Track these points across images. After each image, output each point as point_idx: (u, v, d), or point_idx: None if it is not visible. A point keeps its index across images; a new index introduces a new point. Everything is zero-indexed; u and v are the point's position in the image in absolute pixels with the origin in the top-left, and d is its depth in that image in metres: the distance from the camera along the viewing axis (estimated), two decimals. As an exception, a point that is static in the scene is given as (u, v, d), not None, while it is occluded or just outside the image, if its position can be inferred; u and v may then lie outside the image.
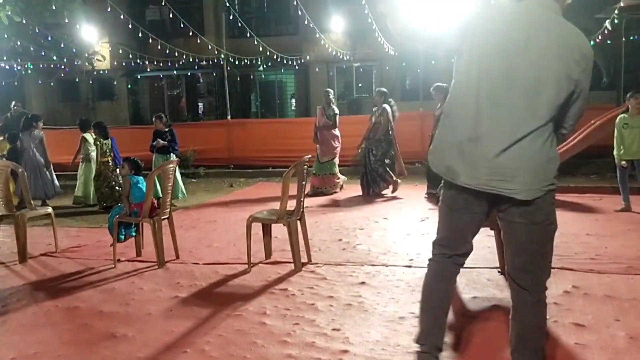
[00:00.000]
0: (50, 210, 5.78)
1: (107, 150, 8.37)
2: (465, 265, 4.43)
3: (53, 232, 5.66)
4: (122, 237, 5.19)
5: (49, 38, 12.71)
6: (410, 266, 4.64)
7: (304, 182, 4.90)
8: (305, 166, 4.95)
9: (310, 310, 3.71)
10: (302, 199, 4.85)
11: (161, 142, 8.36)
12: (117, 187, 8.12)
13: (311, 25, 12.50)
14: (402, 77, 16.94)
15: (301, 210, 4.86)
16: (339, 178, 9.13)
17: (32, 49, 12.69)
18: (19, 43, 12.32)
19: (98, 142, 8.36)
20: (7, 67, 14.23)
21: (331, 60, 16.90)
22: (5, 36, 11.71)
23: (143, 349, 3.19)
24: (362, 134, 8.88)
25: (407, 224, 6.35)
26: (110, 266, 4.97)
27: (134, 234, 5.31)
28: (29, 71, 15.19)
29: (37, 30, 11.70)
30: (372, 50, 15.06)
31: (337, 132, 9.07)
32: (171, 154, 8.45)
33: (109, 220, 5.24)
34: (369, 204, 7.85)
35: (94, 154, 8.55)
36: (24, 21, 10.39)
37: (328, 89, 9.53)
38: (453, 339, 3.17)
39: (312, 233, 5.42)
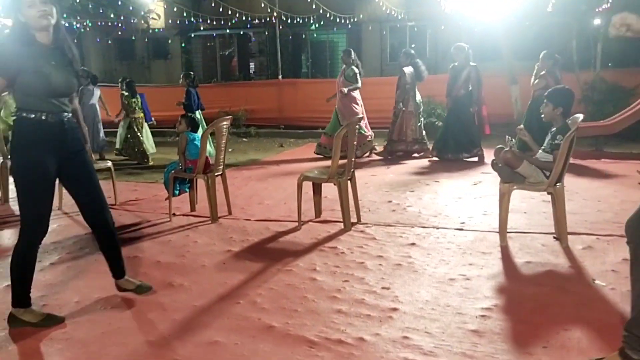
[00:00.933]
0: (110, 164, 6.00)
1: (137, 107, 8.88)
2: (518, 230, 4.41)
3: (112, 186, 5.88)
4: (177, 192, 5.34)
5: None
6: (461, 229, 4.59)
7: (355, 142, 4.87)
8: (357, 126, 4.91)
9: (360, 269, 3.74)
10: (352, 159, 4.84)
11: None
12: (139, 144, 8.83)
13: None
14: (457, 37, 16.40)
15: (352, 170, 4.86)
16: (369, 137, 8.76)
17: (90, 6, 12.94)
18: (77, 0, 12.58)
19: (126, 100, 8.80)
20: (67, 24, 14.59)
21: (384, 20, 16.52)
22: (66, -7, 11.99)
23: (198, 298, 3.31)
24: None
25: (459, 187, 6.25)
26: (165, 219, 5.14)
27: (188, 189, 5.46)
28: (88, 29, 15.55)
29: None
30: (427, 8, 14.58)
31: (357, 94, 8.70)
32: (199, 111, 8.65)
33: (165, 176, 5.40)
34: (420, 166, 7.75)
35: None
36: (83, -21, 10.59)
37: (348, 49, 9.11)
38: (505, 303, 3.14)
39: (361, 194, 5.41)
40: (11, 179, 3.64)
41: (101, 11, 13.84)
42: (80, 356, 2.69)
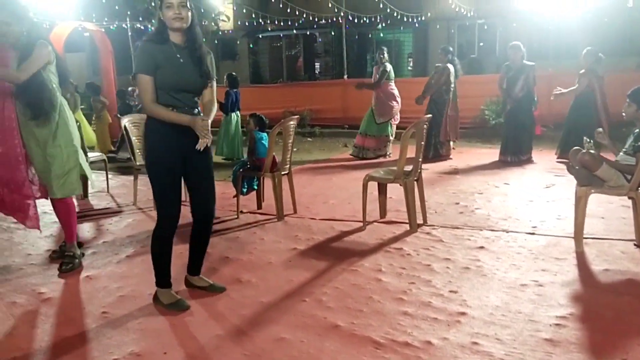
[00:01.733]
0: (180, 161, 6.20)
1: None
2: (596, 236, 4.20)
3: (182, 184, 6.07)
4: (245, 190, 5.46)
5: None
6: (533, 233, 4.42)
7: (422, 142, 4.80)
8: (425, 126, 4.84)
9: (426, 271, 3.68)
10: (419, 160, 4.77)
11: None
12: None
13: (434, -20, 11.99)
14: (529, 34, 15.82)
15: (418, 171, 4.79)
16: (390, 140, 8.64)
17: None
18: (152, 4, 13.09)
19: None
20: (142, 27, 15.23)
21: (452, 18, 16.21)
22: (141, -3, 12.52)
23: (266, 294, 3.37)
24: (482, 94, 8.50)
25: (530, 190, 6.03)
26: (233, 217, 5.26)
27: (255, 187, 5.56)
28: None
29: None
30: (497, 5, 14.17)
31: (394, 90, 8.53)
32: (236, 112, 8.83)
33: (233, 174, 5.53)
34: (488, 168, 7.54)
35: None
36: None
37: (382, 47, 8.89)
38: (581, 312, 3.00)
39: (428, 195, 5.33)
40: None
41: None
42: (154, 347, 2.79)
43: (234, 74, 9.16)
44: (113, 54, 12.17)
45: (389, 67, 8.52)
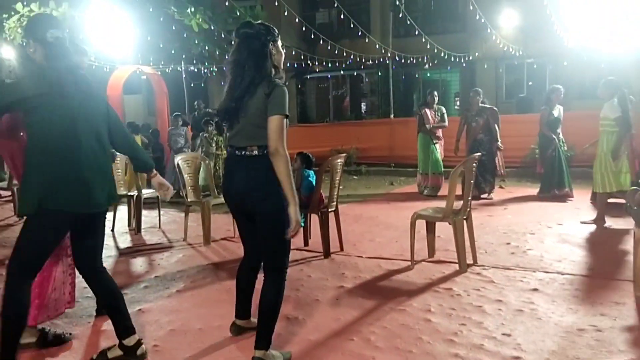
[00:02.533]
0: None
1: (222, 145, 9.57)
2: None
3: (232, 220, 6.19)
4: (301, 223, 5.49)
5: (232, 43, 13.86)
6: (590, 276, 4.25)
7: (472, 181, 4.75)
8: (474, 164, 4.79)
9: (478, 312, 3.58)
10: (469, 198, 4.71)
11: None
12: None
13: (482, 21, 12.04)
14: (581, 72, 15.52)
15: (468, 209, 4.72)
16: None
17: (217, 53, 13.98)
18: (206, 48, 13.66)
19: (214, 138, 9.62)
20: (196, 70, 15.87)
21: (500, 57, 16.12)
22: (195, 42, 13.07)
23: (313, 332, 3.35)
24: (531, 133, 8.39)
25: (585, 231, 5.82)
26: (281, 253, 5.28)
27: (302, 224, 5.60)
28: (213, 74, 16.75)
29: (222, 36, 12.89)
30: (547, 43, 14.02)
31: (439, 132, 9.09)
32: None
33: (281, 211, 5.59)
34: (541, 207, 7.34)
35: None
36: (212, 28, 11.51)
37: (433, 91, 9.42)
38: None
39: (477, 235, 5.22)
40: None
41: (226, 57, 14.89)
42: (202, 381, 2.80)
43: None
44: (168, 96, 12.69)
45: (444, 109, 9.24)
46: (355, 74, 19.58)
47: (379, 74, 18.63)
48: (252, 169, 2.74)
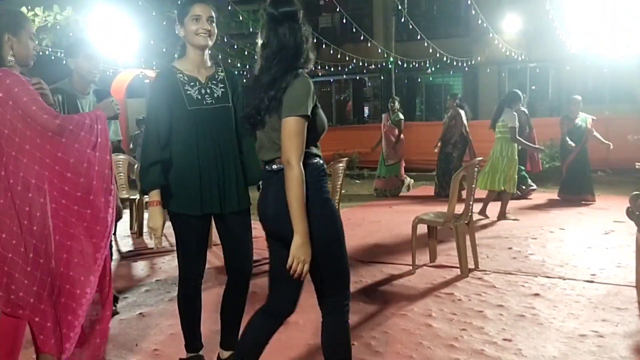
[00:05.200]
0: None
1: None
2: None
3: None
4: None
5: (235, 47, 13.96)
6: (592, 281, 4.24)
7: (473, 186, 4.74)
8: (476, 169, 4.79)
9: (479, 317, 3.57)
10: (471, 203, 4.70)
11: None
12: None
13: (485, 25, 12.05)
14: (584, 77, 15.52)
15: (469, 214, 4.71)
16: (403, 180, 9.65)
17: (219, 57, 14.02)
18: (209, 52, 13.71)
19: None
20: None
21: (503, 62, 16.13)
22: (198, 46, 13.10)
23: (313, 337, 3.34)
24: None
25: (588, 235, 5.80)
26: (282, 257, 5.28)
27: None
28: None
29: (225, 40, 12.92)
30: (550, 49, 14.03)
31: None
32: None
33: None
34: (543, 212, 7.33)
35: None
36: (214, 32, 11.54)
37: (394, 96, 10.16)
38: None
39: (479, 239, 5.21)
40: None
41: (229, 61, 14.96)
42: (202, 385, 2.80)
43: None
44: (170, 99, 12.70)
45: (401, 115, 9.74)
46: (357, 78, 19.61)
47: (382, 78, 18.66)
48: (279, 186, 2.11)
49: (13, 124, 2.32)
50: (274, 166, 2.17)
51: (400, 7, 14.09)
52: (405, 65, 15.87)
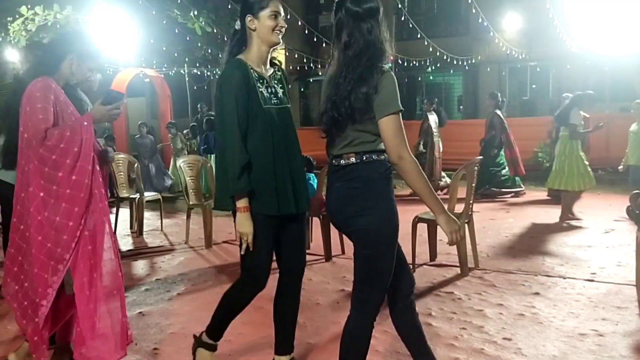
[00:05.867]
0: (231, 201, 6.33)
1: (195, 148, 10.03)
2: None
3: (234, 222, 6.18)
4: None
5: (235, 45, 13.90)
6: (592, 280, 4.23)
7: (473, 184, 4.74)
8: (476, 168, 4.78)
9: (479, 316, 3.57)
10: (471, 202, 4.70)
11: None
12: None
13: (485, 24, 12.03)
14: (584, 76, 15.49)
15: (470, 213, 4.71)
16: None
17: (220, 56, 13.99)
18: (209, 51, 13.68)
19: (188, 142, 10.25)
20: (199, 73, 15.90)
21: (503, 60, 16.10)
22: (199, 45, 13.10)
23: (313, 336, 3.34)
24: (535, 136, 8.41)
25: (588, 234, 5.80)
26: (282, 256, 5.28)
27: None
28: (216, 76, 16.74)
29: (225, 39, 12.89)
30: (551, 47, 14.00)
31: None
32: None
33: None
34: (542, 211, 7.32)
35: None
36: (215, 31, 11.52)
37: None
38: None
39: (479, 238, 5.21)
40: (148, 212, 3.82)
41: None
42: (202, 384, 2.80)
43: (211, 118, 10.08)
44: (171, 98, 12.71)
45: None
46: (358, 76, 19.59)
47: (382, 77, 18.63)
48: (348, 180, 2.21)
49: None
50: (342, 161, 2.23)
51: (400, 6, 14.05)
52: (405, 64, 15.84)
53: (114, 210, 6.21)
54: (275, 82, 2.63)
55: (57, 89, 2.60)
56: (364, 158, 2.18)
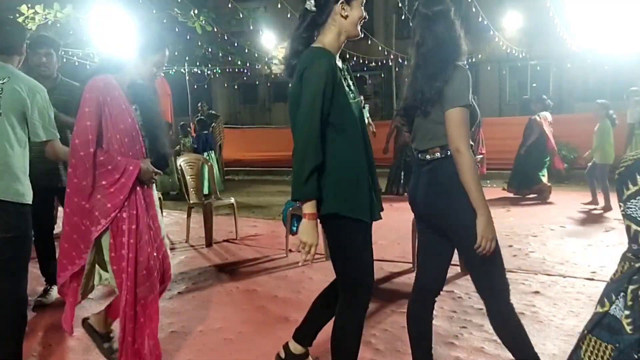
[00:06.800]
0: (233, 200, 6.34)
1: (189, 146, 10.19)
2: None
3: (234, 221, 6.20)
4: (295, 228, 5.49)
5: (235, 44, 13.95)
6: (592, 279, 4.24)
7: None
8: (477, 166, 4.78)
9: (478, 315, 3.58)
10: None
11: None
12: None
13: (485, 23, 12.02)
14: (585, 74, 15.49)
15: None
16: None
17: (220, 55, 14.02)
18: (209, 50, 13.71)
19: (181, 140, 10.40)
20: (199, 71, 15.91)
21: (504, 59, 16.11)
22: (199, 43, 13.12)
23: (313, 334, 3.34)
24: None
25: (588, 233, 5.80)
26: (282, 255, 5.30)
27: (294, 230, 5.58)
28: (217, 75, 16.80)
29: (225, 38, 12.92)
30: (551, 46, 14.00)
31: None
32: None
33: (283, 213, 5.59)
34: (544, 210, 7.33)
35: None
36: (215, 30, 11.53)
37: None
38: (645, 363, 2.83)
39: (480, 237, 5.20)
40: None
41: (230, 59, 14.94)
42: (202, 383, 2.80)
43: (202, 118, 10.53)
44: (171, 97, 12.72)
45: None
46: (358, 75, 19.58)
47: (382, 75, 18.64)
48: (435, 175, 2.27)
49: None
50: (427, 156, 2.29)
51: (400, 5, 14.04)
52: (406, 63, 15.85)
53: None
54: (349, 75, 2.43)
55: (112, 87, 2.58)
56: (449, 153, 2.21)
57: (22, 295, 2.67)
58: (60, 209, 4.37)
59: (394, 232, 6.17)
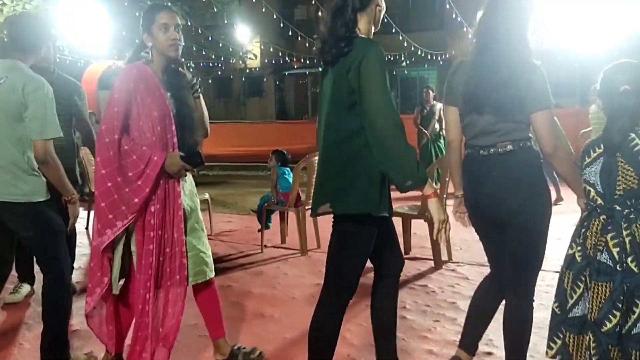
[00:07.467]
0: (207, 196, 6.29)
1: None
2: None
3: (209, 217, 6.15)
4: (270, 224, 5.49)
5: (209, 38, 13.81)
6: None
7: (447, 178, 4.80)
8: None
9: (452, 309, 3.63)
10: (444, 196, 4.75)
11: None
12: None
13: (459, 19, 12.15)
14: (556, 71, 15.76)
15: (444, 206, 4.75)
16: None
17: (194, 49, 13.85)
18: (183, 43, 13.56)
19: None
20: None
21: (477, 55, 16.31)
22: (172, 37, 12.94)
23: (289, 330, 3.35)
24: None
25: (557, 227, 5.90)
26: (257, 251, 5.29)
27: (269, 225, 5.55)
28: (190, 70, 16.60)
29: (199, 32, 12.78)
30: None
31: None
32: None
33: (258, 208, 5.58)
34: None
35: None
36: (189, 23, 11.41)
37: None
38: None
39: (453, 231, 5.16)
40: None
41: (203, 52, 14.79)
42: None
43: None
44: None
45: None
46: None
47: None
48: (507, 168, 2.29)
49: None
50: (493, 150, 2.29)
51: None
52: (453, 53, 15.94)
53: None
54: None
55: (146, 74, 2.53)
56: (521, 145, 2.26)
57: (66, 281, 2.77)
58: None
59: (368, 227, 6.21)
